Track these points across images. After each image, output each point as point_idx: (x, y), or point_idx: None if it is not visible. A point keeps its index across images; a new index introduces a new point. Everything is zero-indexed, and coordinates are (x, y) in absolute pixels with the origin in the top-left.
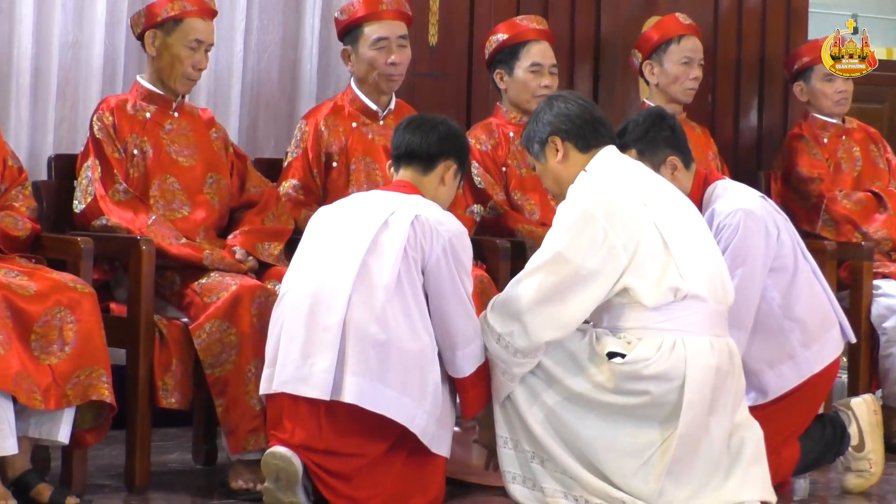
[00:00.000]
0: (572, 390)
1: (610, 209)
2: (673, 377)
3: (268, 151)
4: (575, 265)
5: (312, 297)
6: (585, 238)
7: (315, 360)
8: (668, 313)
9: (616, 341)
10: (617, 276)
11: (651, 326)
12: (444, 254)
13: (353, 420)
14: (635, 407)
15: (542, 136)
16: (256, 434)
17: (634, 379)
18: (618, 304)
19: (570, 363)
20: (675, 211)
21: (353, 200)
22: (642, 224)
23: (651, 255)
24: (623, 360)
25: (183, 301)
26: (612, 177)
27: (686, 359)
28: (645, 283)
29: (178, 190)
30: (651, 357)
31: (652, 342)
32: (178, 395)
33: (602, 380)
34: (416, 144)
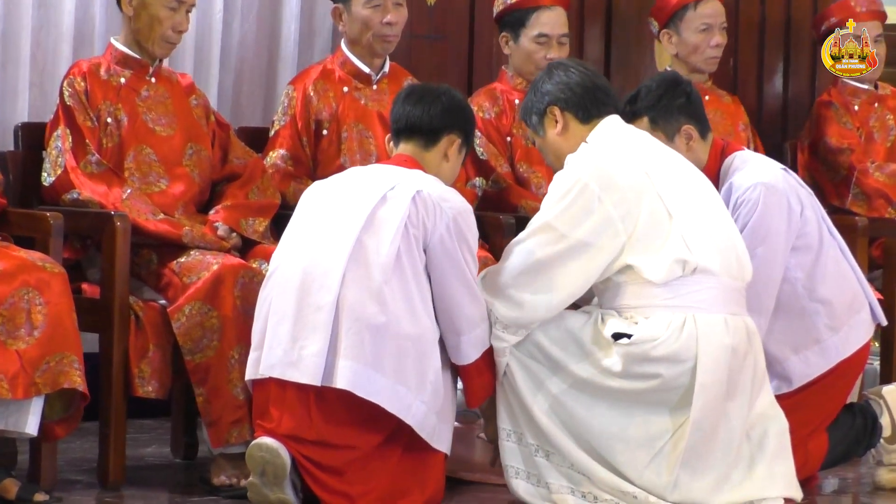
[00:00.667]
0: (578, 376)
1: (607, 179)
2: (684, 358)
3: (252, 119)
4: (564, 236)
5: (303, 275)
6: (577, 208)
7: (305, 342)
8: (677, 289)
9: (621, 321)
10: (614, 251)
11: (658, 304)
12: (448, 232)
13: (345, 408)
14: (645, 392)
15: (540, 107)
16: (240, 425)
17: (643, 361)
18: (622, 282)
19: (574, 347)
20: (682, 180)
21: (348, 175)
22: (644, 195)
23: (654, 228)
24: (629, 340)
25: (160, 282)
26: (612, 146)
27: (698, 338)
28: (648, 258)
29: (155, 161)
30: (659, 336)
31: (660, 321)
32: (155, 383)
33: (609, 364)
34: (418, 117)
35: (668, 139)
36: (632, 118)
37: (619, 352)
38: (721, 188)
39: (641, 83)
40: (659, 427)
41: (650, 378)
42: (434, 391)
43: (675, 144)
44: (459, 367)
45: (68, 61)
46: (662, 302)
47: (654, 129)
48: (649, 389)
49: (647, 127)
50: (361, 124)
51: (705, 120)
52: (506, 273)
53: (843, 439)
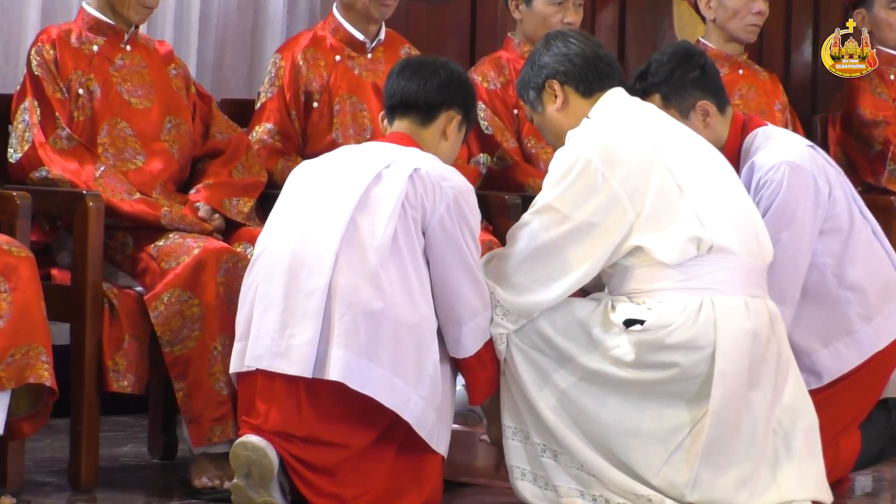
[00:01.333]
0: (587, 368)
1: (611, 154)
2: (702, 344)
3: (236, 91)
4: (567, 218)
5: (292, 258)
6: (580, 186)
7: (295, 330)
8: (692, 270)
9: (633, 307)
10: (622, 232)
11: (672, 287)
12: (449, 213)
13: (337, 402)
14: (661, 382)
15: (537, 81)
16: (224, 423)
17: (657, 349)
18: (632, 265)
19: (582, 337)
20: (693, 154)
21: (340, 153)
22: (652, 169)
23: (664, 205)
24: (642, 327)
25: (137, 267)
26: (616, 119)
27: (716, 322)
28: (659, 238)
29: (130, 136)
30: (674, 322)
31: (674, 305)
32: (130, 377)
33: (620, 353)
34: (414, 92)
35: (682, 117)
36: (642, 96)
37: (631, 340)
38: (742, 168)
39: (651, 57)
40: (676, 420)
41: (666, 367)
42: (432, 386)
43: (690, 122)
44: (460, 360)
45: (36, 28)
46: (676, 284)
47: (667, 106)
48: (665, 380)
49: (659, 104)
50: (355, 96)
51: (723, 93)
52: (508, 258)
53: (878, 437)
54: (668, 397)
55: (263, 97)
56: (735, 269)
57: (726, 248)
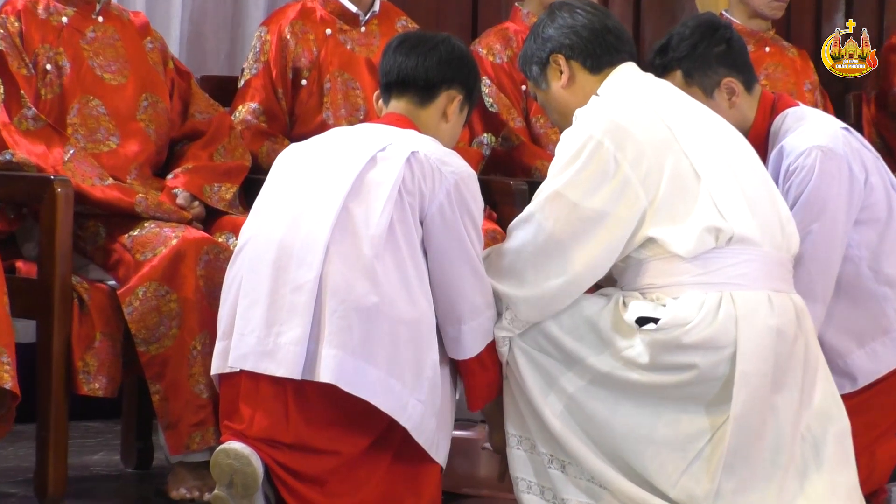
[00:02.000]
0: (597, 371)
1: (623, 135)
2: (722, 344)
3: (217, 67)
4: (577, 206)
5: (279, 249)
6: (590, 171)
7: (282, 328)
8: (710, 263)
9: (646, 304)
10: (635, 220)
11: (689, 281)
12: (449, 200)
13: (328, 406)
14: (678, 386)
15: (541, 55)
16: (204, 428)
17: (673, 349)
18: (644, 258)
19: (591, 336)
20: (712, 135)
21: (331, 135)
22: (666, 152)
23: (679, 191)
24: (656, 326)
25: (109, 259)
26: (628, 97)
27: (737, 319)
28: (674, 228)
29: (103, 115)
30: (691, 320)
31: (692, 301)
32: (102, 379)
33: (633, 354)
34: (411, 70)
35: (706, 95)
36: (662, 72)
37: (645, 340)
38: (771, 151)
39: (672, 30)
40: (695, 426)
41: (683, 369)
42: (431, 389)
43: (714, 101)
44: (460, 362)
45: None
46: (693, 279)
47: (689, 83)
48: (682, 383)
49: (680, 82)
50: (347, 73)
51: (751, 70)
52: (511, 254)
53: None
54: (685, 401)
55: (247, 74)
56: (757, 261)
57: (748, 239)
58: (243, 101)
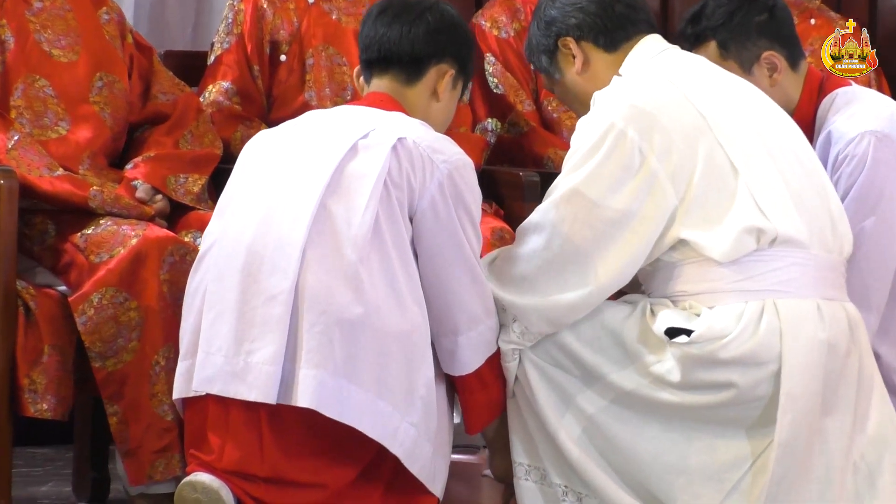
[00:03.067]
0: (621, 388)
1: (649, 122)
2: (764, 359)
3: (182, 41)
4: (597, 205)
5: (248, 253)
6: (612, 165)
7: (254, 345)
8: (751, 267)
9: (677, 313)
10: (664, 220)
11: (726, 288)
12: (442, 193)
13: (308, 434)
14: (714, 407)
15: (547, 42)
16: (168, 455)
17: (708, 366)
18: (676, 262)
19: (614, 349)
20: (754, 121)
21: (306, 120)
22: (699, 141)
23: (714, 187)
24: (689, 338)
25: (60, 261)
26: (652, 77)
27: (781, 332)
28: (709, 230)
29: (51, 97)
30: (730, 332)
31: (730, 310)
32: (51, 399)
33: (662, 370)
34: (395, 42)
35: (743, 71)
36: (694, 43)
37: (676, 354)
38: (817, 138)
39: None
40: (733, 453)
41: (719, 388)
42: (425, 411)
43: (753, 78)
44: (456, 379)
45: None
46: (732, 285)
47: (724, 57)
48: (718, 403)
49: (714, 55)
50: (332, 47)
51: (796, 44)
52: (523, 261)
53: None
54: (722, 425)
55: (218, 49)
56: (805, 265)
57: (794, 240)
58: (214, 80)
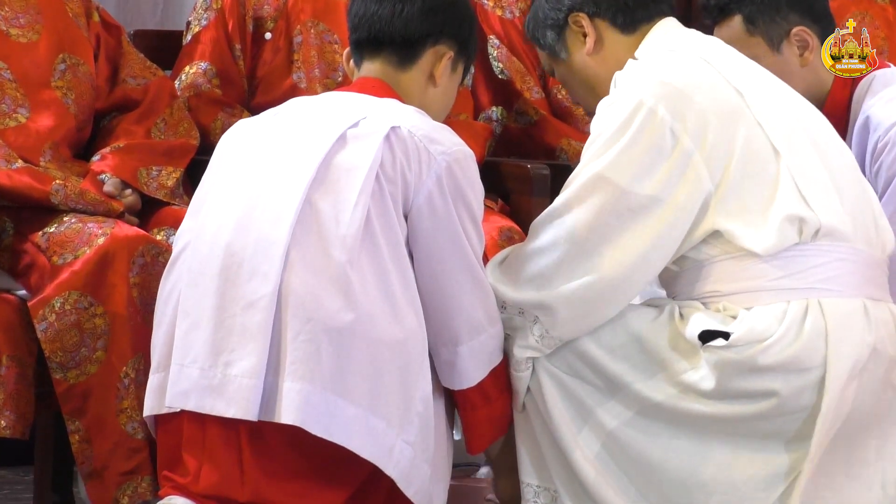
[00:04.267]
0: (648, 400)
1: (682, 100)
2: (808, 365)
3: (152, 19)
4: (625, 192)
5: (226, 254)
6: (641, 147)
7: (232, 356)
8: (793, 263)
9: (710, 315)
10: (696, 208)
11: (766, 286)
12: (440, 188)
13: (293, 454)
14: (752, 419)
15: (557, 16)
16: (137, 478)
17: (746, 373)
18: (708, 258)
19: (640, 357)
20: (787, 104)
21: (290, 107)
22: (737, 122)
23: (753, 171)
24: (726, 342)
25: (18, 262)
26: (679, 55)
27: (827, 334)
28: (748, 219)
29: (8, 81)
30: (771, 334)
31: (770, 310)
32: (9, 415)
33: (695, 378)
34: (386, 22)
35: (771, 49)
36: (718, 17)
37: (711, 360)
38: (853, 124)
39: None
40: (771, 469)
41: (759, 398)
42: (423, 427)
43: (782, 57)
44: (456, 393)
45: None
46: (772, 283)
47: (751, 32)
48: (757, 415)
49: (740, 30)
50: (322, 22)
51: (829, 19)
52: (541, 256)
53: None
54: (759, 438)
55: (195, 26)
56: (851, 260)
57: (838, 232)
58: (191, 61)
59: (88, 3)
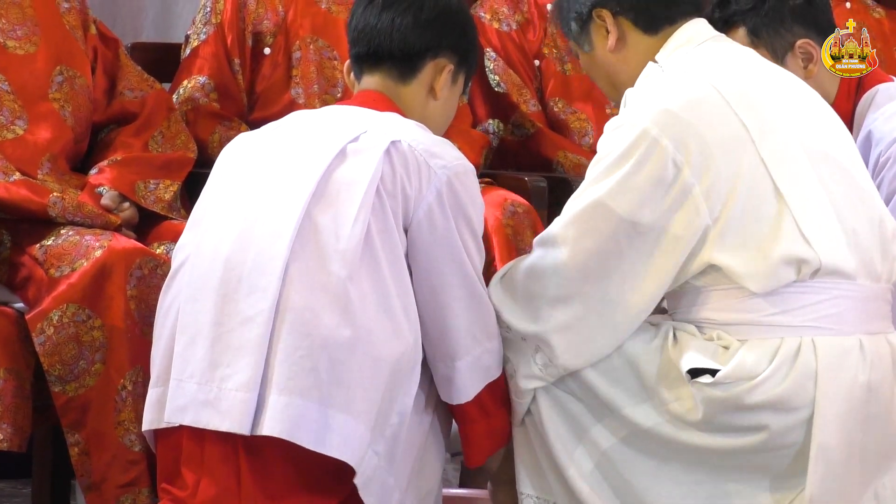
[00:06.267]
0: (637, 425)
1: (685, 131)
2: (795, 405)
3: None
4: (623, 220)
5: (225, 269)
6: (643, 177)
7: (228, 371)
8: (789, 300)
9: (703, 348)
10: (692, 241)
11: (760, 321)
12: (440, 202)
13: (291, 469)
14: (740, 452)
15: (581, 9)
16: (135, 490)
17: (734, 410)
18: (705, 286)
19: (631, 381)
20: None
21: (290, 121)
22: (739, 156)
23: (753, 208)
24: (713, 379)
25: (16, 275)
26: (692, 76)
27: (817, 374)
28: (745, 256)
29: (6, 93)
30: (760, 371)
31: (763, 347)
32: (6, 428)
33: (682, 410)
34: (386, 35)
35: (775, 60)
36: (722, 29)
37: (698, 396)
38: (856, 137)
39: None
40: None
41: (747, 433)
42: (393, 439)
43: (786, 68)
44: (455, 408)
45: None
46: (766, 318)
47: (755, 44)
48: (747, 448)
49: (744, 42)
50: (322, 38)
51: (834, 31)
52: (541, 279)
53: None
54: (747, 471)
55: (194, 40)
56: (850, 297)
57: (839, 271)
58: (189, 76)
59: (85, 16)
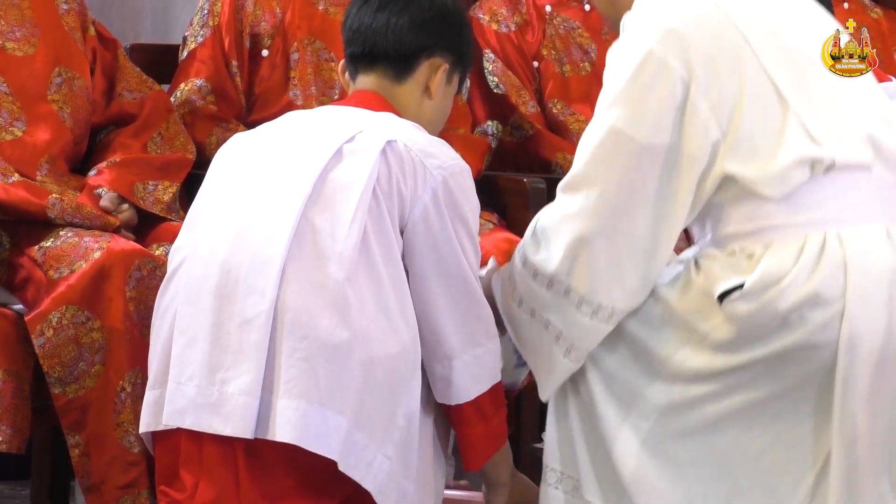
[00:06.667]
0: (683, 373)
1: (687, 48)
2: (827, 297)
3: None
4: (643, 146)
5: (222, 271)
6: (654, 99)
7: (229, 374)
8: (808, 197)
9: (726, 265)
10: (705, 157)
11: (782, 223)
12: (436, 203)
13: (289, 471)
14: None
15: None
16: (134, 491)
17: (768, 321)
18: (721, 202)
19: (670, 323)
20: (801, 35)
21: (285, 122)
22: (741, 69)
23: (761, 117)
24: (741, 292)
25: (15, 276)
26: None
27: (846, 264)
28: (757, 163)
29: (5, 94)
30: (787, 273)
31: (787, 248)
32: (6, 429)
33: (721, 337)
34: (380, 34)
35: None
36: None
37: (734, 317)
38: None
39: None
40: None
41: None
42: (404, 443)
43: None
44: (452, 409)
45: None
46: (788, 219)
47: None
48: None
49: None
50: (319, 40)
51: None
52: (575, 222)
53: None
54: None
55: (192, 43)
56: (870, 188)
57: (854, 164)
58: (186, 78)
59: (84, 17)
